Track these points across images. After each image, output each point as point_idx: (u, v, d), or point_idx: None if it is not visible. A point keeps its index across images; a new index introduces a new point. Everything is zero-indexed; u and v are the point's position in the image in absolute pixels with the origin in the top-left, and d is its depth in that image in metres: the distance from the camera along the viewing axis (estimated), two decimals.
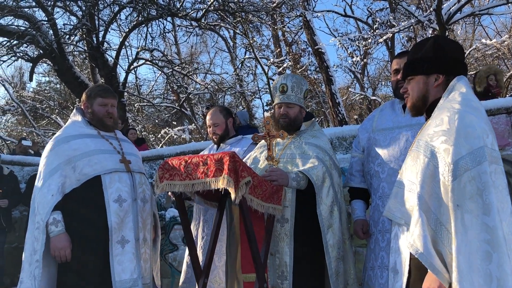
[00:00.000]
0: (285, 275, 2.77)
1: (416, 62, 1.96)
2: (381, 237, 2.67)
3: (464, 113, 1.70)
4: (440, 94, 1.89)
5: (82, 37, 10.58)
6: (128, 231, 2.84)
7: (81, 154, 2.84)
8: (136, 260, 2.84)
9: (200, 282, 2.73)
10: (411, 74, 1.97)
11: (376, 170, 2.76)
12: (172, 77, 14.09)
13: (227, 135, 3.56)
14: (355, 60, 14.08)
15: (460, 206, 1.60)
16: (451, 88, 1.86)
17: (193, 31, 12.42)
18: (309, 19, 10.70)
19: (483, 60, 15.35)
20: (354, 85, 18.84)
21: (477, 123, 1.68)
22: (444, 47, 1.94)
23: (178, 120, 19.11)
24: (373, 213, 2.79)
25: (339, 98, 10.51)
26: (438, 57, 1.91)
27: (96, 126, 3.04)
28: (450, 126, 1.69)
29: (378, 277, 2.62)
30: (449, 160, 1.64)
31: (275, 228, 2.82)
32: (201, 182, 2.46)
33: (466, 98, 1.78)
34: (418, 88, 1.94)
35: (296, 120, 3.04)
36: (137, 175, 3.00)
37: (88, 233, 2.79)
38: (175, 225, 5.94)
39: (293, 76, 3.09)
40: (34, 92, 20.37)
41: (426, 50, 1.94)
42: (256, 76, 17.63)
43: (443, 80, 1.89)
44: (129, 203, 2.86)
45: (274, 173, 2.76)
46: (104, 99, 3.03)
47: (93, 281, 2.75)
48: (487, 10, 8.69)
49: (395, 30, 10.36)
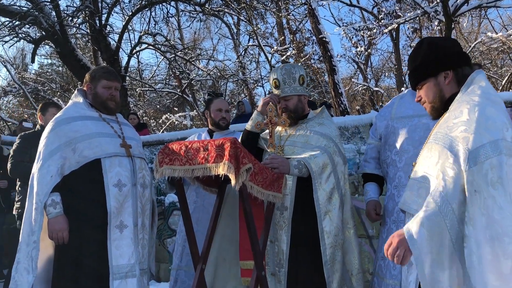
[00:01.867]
0: (282, 263, 2.77)
1: (419, 69, 1.97)
2: (396, 228, 2.62)
3: (485, 106, 1.70)
4: (454, 89, 1.90)
5: (85, 20, 10.49)
6: (127, 216, 2.82)
7: (81, 136, 2.81)
8: (134, 245, 2.83)
9: (198, 268, 2.73)
10: (420, 82, 1.98)
11: (393, 158, 2.73)
12: (174, 63, 14.02)
13: (228, 125, 3.66)
14: (359, 51, 13.98)
15: (479, 192, 1.59)
16: (469, 81, 1.85)
17: (196, 16, 12.31)
18: (314, 7, 10.60)
19: (488, 54, 15.24)
20: (357, 75, 18.77)
21: (497, 116, 1.68)
22: (440, 44, 1.97)
23: (180, 106, 19.08)
24: (388, 203, 2.76)
25: (342, 89, 10.46)
26: (439, 55, 1.92)
27: (98, 109, 3.01)
28: (470, 117, 1.68)
29: (391, 268, 2.60)
30: (469, 147, 1.63)
31: (275, 216, 2.81)
32: (201, 167, 2.44)
33: (486, 92, 1.78)
34: (432, 91, 1.94)
35: (297, 109, 3.02)
36: (137, 160, 2.97)
37: (87, 217, 2.78)
38: (174, 211, 5.95)
39: (283, 68, 3.04)
40: (36, 74, 20.31)
41: (424, 53, 1.96)
42: (259, 64, 17.56)
43: (452, 75, 1.90)
44: (128, 188, 2.84)
45: (275, 161, 2.74)
46: (108, 81, 3.00)
47: (90, 264, 2.74)
48: (494, 2, 8.58)
49: (400, 21, 10.25)
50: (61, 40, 9.66)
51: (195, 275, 2.73)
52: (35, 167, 2.79)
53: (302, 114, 3.06)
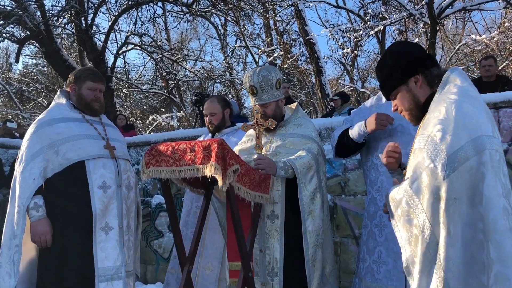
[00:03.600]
0: (275, 271, 2.76)
1: (388, 79, 1.96)
2: (379, 232, 2.63)
3: (461, 103, 1.68)
4: (427, 92, 1.89)
5: (71, 20, 10.39)
6: (112, 218, 2.81)
7: (64, 139, 2.78)
8: (120, 247, 2.82)
9: (185, 270, 2.72)
10: (392, 92, 1.98)
11: (374, 162, 2.72)
12: (161, 63, 13.97)
13: (223, 125, 3.57)
14: (346, 52, 14.06)
15: (458, 198, 1.57)
16: (445, 80, 1.84)
17: (183, 17, 12.28)
18: (301, 8, 10.65)
19: (472, 56, 15.44)
20: (343, 77, 18.88)
21: (475, 112, 1.65)
22: (403, 51, 1.97)
23: (167, 107, 18.98)
24: (369, 206, 2.76)
25: (329, 90, 10.52)
26: (404, 62, 1.92)
27: (82, 110, 2.98)
28: (447, 115, 1.66)
29: (374, 271, 2.62)
30: (447, 152, 1.59)
31: (265, 225, 2.80)
32: (188, 169, 2.43)
33: (463, 88, 1.76)
34: (406, 99, 1.93)
35: (276, 114, 2.98)
36: (122, 162, 2.96)
37: (71, 219, 2.76)
38: (161, 212, 5.92)
39: (259, 74, 2.92)
40: (21, 74, 20.06)
41: (390, 63, 1.96)
42: (247, 64, 17.61)
43: (422, 79, 1.90)
44: (113, 190, 2.83)
45: (262, 162, 2.74)
46: (93, 83, 2.97)
47: (75, 266, 2.72)
48: (478, 5, 8.71)
49: (386, 23, 10.34)
50: (46, 40, 9.56)
51: (182, 277, 2.72)
52: (18, 169, 2.76)
53: (280, 117, 3.04)
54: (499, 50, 14.27)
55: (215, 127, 3.54)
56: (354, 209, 4.78)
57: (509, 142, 4.18)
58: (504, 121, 4.21)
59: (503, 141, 4.17)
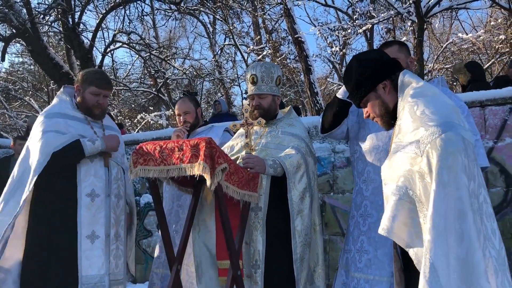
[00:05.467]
0: (258, 263, 2.77)
1: (357, 87, 2.00)
2: (363, 221, 2.68)
3: (421, 102, 1.76)
4: (395, 97, 1.94)
5: (57, 17, 10.28)
6: (99, 226, 2.81)
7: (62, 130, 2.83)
8: (105, 256, 2.82)
9: (174, 269, 2.71)
10: (362, 99, 2.01)
11: (362, 153, 2.77)
12: (149, 62, 13.89)
13: (197, 123, 3.56)
14: (334, 50, 14.09)
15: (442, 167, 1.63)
16: (401, 86, 1.90)
17: (172, 15, 12.22)
18: (290, 7, 10.64)
19: (459, 54, 15.58)
20: (332, 75, 18.92)
21: (437, 105, 1.74)
22: (369, 58, 2.02)
23: (155, 106, 18.88)
24: (356, 196, 2.80)
25: (318, 88, 10.52)
26: (371, 69, 1.96)
27: (83, 112, 2.98)
28: (413, 118, 1.73)
29: (357, 260, 2.65)
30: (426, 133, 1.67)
31: (249, 217, 2.81)
32: (176, 168, 2.43)
33: (419, 89, 1.82)
34: (376, 105, 1.98)
35: (270, 109, 3.03)
36: (114, 170, 2.96)
37: (58, 224, 2.75)
38: (149, 211, 5.90)
39: (262, 65, 3.03)
40: (7, 72, 19.78)
41: (356, 71, 1.99)
42: (236, 63, 17.56)
43: (390, 84, 1.95)
44: (101, 199, 2.84)
45: (250, 160, 2.75)
46: (98, 89, 2.94)
47: (58, 273, 2.71)
48: (464, 4, 8.78)
49: (374, 21, 10.38)
50: (32, 38, 9.44)
51: (171, 276, 2.72)
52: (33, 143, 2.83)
53: (273, 115, 3.08)
54: (485, 48, 14.42)
55: (190, 125, 3.51)
56: (342, 207, 4.81)
57: (495, 139, 4.23)
58: (490, 119, 4.26)
59: (489, 139, 4.22)
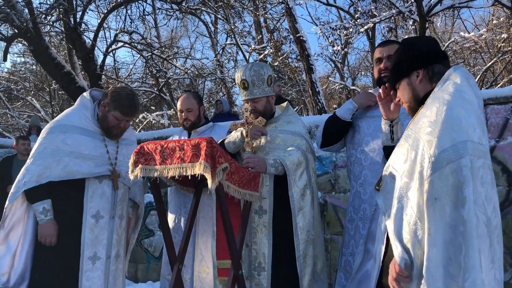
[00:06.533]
0: (263, 266, 2.78)
1: (394, 70, 2.02)
2: (362, 225, 2.68)
3: (453, 105, 1.69)
4: (428, 87, 1.91)
5: (59, 17, 10.28)
6: (101, 248, 2.86)
7: (71, 152, 2.82)
8: (104, 277, 2.88)
9: (175, 269, 2.71)
10: (395, 83, 2.02)
11: (358, 157, 2.77)
12: (151, 61, 13.87)
13: (199, 122, 3.50)
14: (336, 49, 14.07)
15: (439, 199, 1.58)
16: (446, 77, 1.86)
17: (173, 14, 12.22)
18: (291, 6, 10.63)
19: (461, 53, 15.55)
20: (334, 74, 18.89)
21: (464, 116, 1.66)
22: (412, 44, 2.01)
23: (157, 105, 18.90)
24: (353, 200, 2.80)
25: (319, 87, 10.51)
26: (410, 55, 1.96)
27: (101, 127, 2.96)
28: (437, 117, 1.68)
29: (351, 263, 2.65)
30: (431, 153, 1.63)
31: (252, 220, 2.81)
32: (177, 167, 2.43)
33: (459, 90, 1.76)
34: (406, 91, 1.98)
35: (266, 111, 3.02)
36: (121, 191, 2.98)
37: (61, 246, 2.79)
38: (151, 211, 5.90)
39: (251, 68, 2.96)
40: (9, 72, 19.81)
41: (398, 54, 2.01)
42: (237, 62, 17.53)
43: (423, 74, 1.92)
44: (105, 220, 2.88)
45: (251, 160, 2.74)
46: (123, 116, 2.92)
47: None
48: (466, 3, 8.76)
49: (376, 20, 10.37)
50: (34, 38, 9.44)
51: (172, 276, 2.72)
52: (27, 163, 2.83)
53: (270, 114, 3.07)
54: (487, 47, 14.38)
55: (191, 123, 3.45)
56: (344, 206, 4.80)
57: (497, 138, 4.22)
58: (492, 117, 4.25)
59: (491, 138, 4.21)
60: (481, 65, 15.04)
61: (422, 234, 1.62)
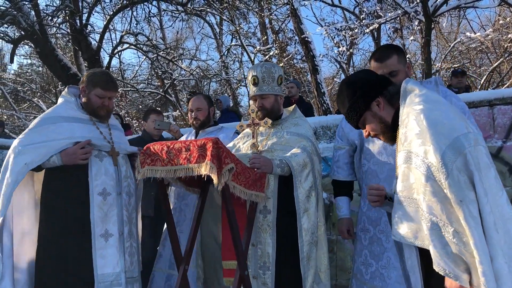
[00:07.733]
0: (267, 265, 2.78)
1: (352, 109, 2.00)
2: (385, 238, 2.66)
3: (427, 111, 1.73)
4: (391, 111, 1.95)
5: (65, 19, 10.33)
6: (112, 225, 2.82)
7: (64, 139, 2.79)
8: (120, 254, 2.82)
9: (181, 269, 2.72)
10: (359, 121, 2.02)
11: (373, 169, 2.76)
12: (156, 63, 13.92)
13: (208, 122, 3.57)
14: (341, 50, 14.05)
15: (463, 200, 1.60)
16: (403, 93, 1.89)
17: (178, 16, 12.24)
18: (296, 7, 10.64)
19: (467, 53, 15.48)
20: (339, 75, 18.84)
21: (443, 115, 1.71)
22: (357, 78, 2.03)
23: (163, 106, 18.94)
24: (368, 210, 2.79)
25: (324, 88, 10.52)
26: (362, 92, 1.96)
27: (88, 113, 2.96)
28: (420, 128, 1.71)
29: (385, 277, 2.64)
30: (436, 160, 1.64)
31: (257, 219, 2.81)
32: (183, 168, 2.44)
33: (423, 95, 1.81)
34: (374, 123, 1.99)
35: (273, 109, 3.03)
36: (123, 168, 2.96)
37: (71, 223, 2.76)
38: None
39: (263, 66, 3.03)
40: (15, 74, 19.95)
41: (348, 94, 2.00)
42: (242, 63, 17.55)
43: (383, 100, 1.96)
44: (113, 197, 2.84)
45: (257, 160, 2.75)
46: (104, 91, 2.91)
47: (74, 272, 2.71)
48: (472, 3, 8.73)
49: (381, 21, 10.35)
50: (40, 40, 9.51)
51: (178, 276, 2.73)
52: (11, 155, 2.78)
53: (277, 114, 3.07)
54: (493, 47, 14.32)
55: (200, 123, 3.53)
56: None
57: (504, 139, 4.20)
58: (499, 118, 4.23)
59: (498, 138, 4.19)
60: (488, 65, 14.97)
61: (466, 239, 1.61)
